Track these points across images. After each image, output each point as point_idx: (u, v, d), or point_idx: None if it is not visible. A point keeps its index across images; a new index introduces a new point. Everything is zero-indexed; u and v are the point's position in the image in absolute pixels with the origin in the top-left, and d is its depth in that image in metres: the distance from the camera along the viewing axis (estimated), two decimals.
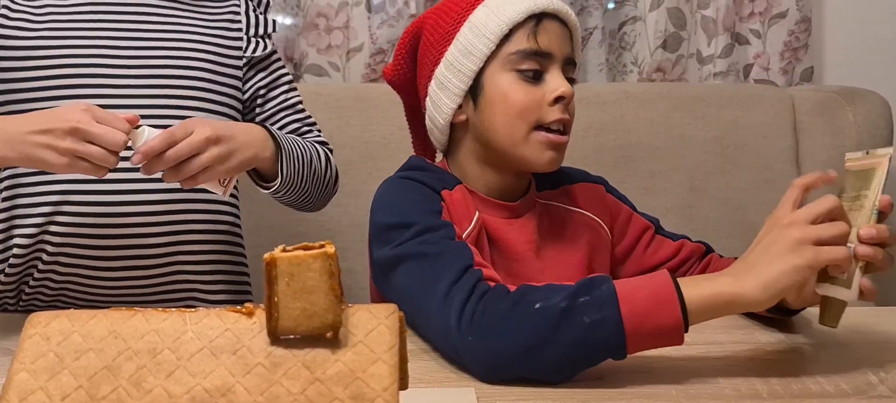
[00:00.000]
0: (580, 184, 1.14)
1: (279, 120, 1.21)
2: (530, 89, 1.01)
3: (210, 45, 1.16)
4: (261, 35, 1.21)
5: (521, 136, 1.01)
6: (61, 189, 1.06)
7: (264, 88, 1.21)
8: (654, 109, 1.61)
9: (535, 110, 1.00)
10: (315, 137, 1.23)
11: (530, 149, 1.01)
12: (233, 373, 0.55)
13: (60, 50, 1.08)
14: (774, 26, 1.78)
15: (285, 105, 1.22)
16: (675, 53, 1.78)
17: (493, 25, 1.02)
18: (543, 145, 1.01)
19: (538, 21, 1.02)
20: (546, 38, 1.01)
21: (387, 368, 0.55)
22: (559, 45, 1.02)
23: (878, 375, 0.82)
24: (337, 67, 1.72)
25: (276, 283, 0.55)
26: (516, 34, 1.01)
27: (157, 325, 0.57)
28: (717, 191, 1.59)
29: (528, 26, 1.01)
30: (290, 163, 1.07)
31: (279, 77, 1.23)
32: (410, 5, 1.70)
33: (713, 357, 0.88)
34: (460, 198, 1.03)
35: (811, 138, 1.61)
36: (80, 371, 0.54)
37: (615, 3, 1.80)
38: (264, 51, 1.20)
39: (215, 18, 1.19)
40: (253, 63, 1.20)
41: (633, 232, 1.13)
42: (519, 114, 1.01)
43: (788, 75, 1.79)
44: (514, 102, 1.01)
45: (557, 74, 1.01)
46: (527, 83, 1.01)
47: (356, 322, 0.57)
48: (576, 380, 0.81)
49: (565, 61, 1.03)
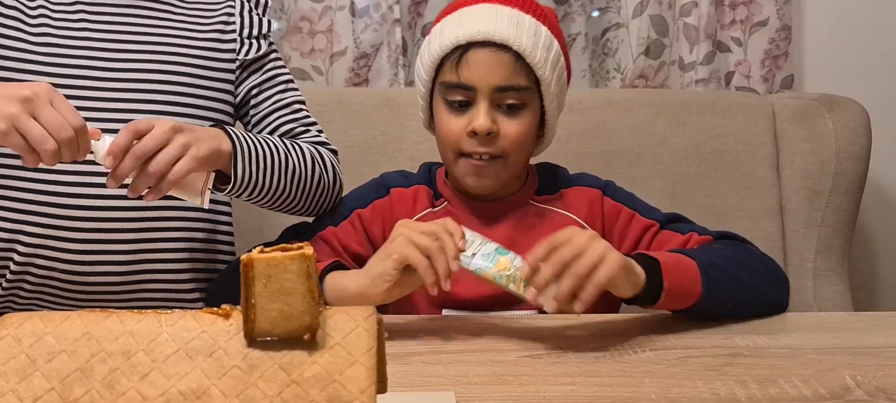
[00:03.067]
0: (575, 189, 1.14)
1: (272, 121, 1.17)
2: (454, 119, 1.07)
3: (201, 49, 1.14)
4: (255, 36, 1.18)
5: (450, 160, 1.10)
6: (30, 197, 1.05)
7: (256, 89, 1.18)
8: (636, 116, 1.61)
9: (454, 140, 1.07)
10: (313, 138, 1.19)
11: (458, 171, 1.09)
12: (208, 375, 0.54)
13: (52, 55, 1.07)
14: (755, 34, 1.79)
15: (279, 105, 1.18)
16: (658, 60, 1.79)
17: (427, 56, 1.08)
18: (466, 170, 1.08)
19: (463, 52, 1.04)
20: (468, 71, 1.04)
21: (364, 371, 0.55)
22: (484, 75, 1.03)
23: (855, 379, 0.82)
24: (320, 71, 1.72)
25: (253, 285, 0.55)
26: (446, 64, 1.06)
27: (131, 327, 0.56)
28: (697, 198, 1.60)
29: (454, 57, 1.05)
30: (250, 162, 1.02)
31: (274, 76, 1.19)
32: (394, 10, 1.70)
33: (692, 360, 0.88)
34: (411, 195, 1.13)
35: (791, 145, 1.63)
36: (53, 373, 0.54)
37: (598, 11, 1.81)
38: (258, 52, 1.17)
39: (209, 22, 1.17)
40: (246, 65, 1.17)
41: (633, 234, 1.11)
42: (443, 141, 1.09)
43: (769, 83, 1.81)
44: (440, 130, 1.09)
45: (479, 107, 1.04)
46: (452, 113, 1.07)
47: (334, 324, 0.57)
48: (554, 383, 0.81)
49: (496, 90, 1.04)
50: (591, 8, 1.80)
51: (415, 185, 1.14)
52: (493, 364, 0.86)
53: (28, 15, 1.09)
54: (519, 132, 1.06)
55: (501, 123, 1.05)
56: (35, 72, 1.06)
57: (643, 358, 0.88)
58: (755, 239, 1.13)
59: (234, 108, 1.18)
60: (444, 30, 1.07)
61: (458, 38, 1.04)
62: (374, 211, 1.13)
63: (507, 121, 1.06)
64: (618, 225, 1.12)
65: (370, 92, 1.65)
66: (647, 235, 1.11)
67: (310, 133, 1.19)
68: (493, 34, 1.03)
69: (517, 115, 1.06)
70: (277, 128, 1.18)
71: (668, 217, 1.13)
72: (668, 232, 1.10)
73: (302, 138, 1.17)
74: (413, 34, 1.75)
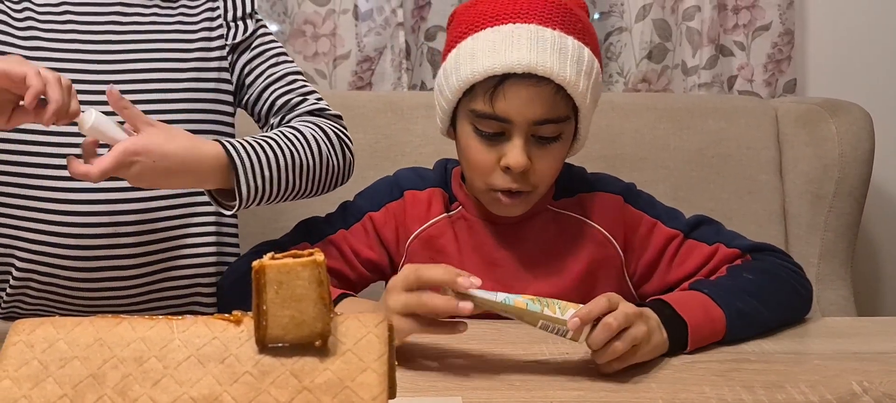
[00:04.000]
0: (597, 194, 1.09)
1: (269, 96, 1.14)
2: (485, 151, 0.98)
3: (192, 41, 1.12)
4: (240, 18, 1.15)
5: (478, 188, 1.03)
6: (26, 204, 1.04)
7: (248, 68, 1.15)
8: (639, 120, 1.61)
9: (487, 172, 0.99)
10: (311, 106, 1.13)
11: (486, 199, 1.03)
12: (220, 382, 0.54)
13: (42, 59, 1.06)
14: (758, 39, 1.80)
15: (273, 78, 1.14)
16: (661, 64, 1.79)
17: (455, 78, 0.98)
18: (495, 202, 1.02)
19: (500, 83, 0.94)
20: (504, 104, 0.94)
21: (376, 377, 0.55)
22: (522, 109, 0.94)
23: (861, 385, 0.82)
24: (323, 74, 1.72)
25: (265, 291, 0.55)
26: (477, 89, 0.96)
27: (143, 333, 0.56)
28: (700, 202, 1.60)
29: (487, 86, 0.95)
30: (254, 176, 0.98)
31: (263, 51, 1.16)
32: (397, 14, 1.70)
33: (699, 366, 0.88)
34: (425, 199, 1.08)
35: (794, 149, 1.63)
36: (65, 380, 0.54)
37: (601, 14, 1.81)
38: (246, 32, 1.15)
39: (195, 13, 1.15)
40: (234, 47, 1.15)
41: (655, 244, 1.06)
42: (471, 170, 1.02)
43: (772, 87, 1.81)
44: (469, 158, 1.01)
45: (514, 142, 0.96)
46: (483, 142, 0.98)
47: (345, 330, 0.57)
48: (561, 389, 0.81)
49: (534, 123, 0.96)
50: (593, 11, 1.80)
51: (429, 188, 1.09)
52: (500, 370, 0.86)
53: (14, 17, 1.08)
54: (553, 165, 1.00)
55: (535, 157, 0.98)
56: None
57: (650, 364, 0.88)
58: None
59: (232, 96, 1.16)
60: (475, 52, 0.97)
61: (493, 66, 0.94)
62: (387, 214, 1.09)
63: (541, 154, 0.98)
64: (639, 234, 1.07)
65: (373, 95, 1.65)
66: (671, 247, 1.06)
67: (307, 102, 1.14)
68: (535, 66, 0.93)
69: (552, 145, 0.99)
70: (274, 101, 1.14)
71: (692, 223, 1.08)
72: (693, 241, 1.06)
73: (300, 107, 1.13)
74: (416, 38, 1.75)
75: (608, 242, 1.07)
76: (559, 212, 1.08)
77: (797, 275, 1.04)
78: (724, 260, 1.04)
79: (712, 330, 0.93)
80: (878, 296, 1.88)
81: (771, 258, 1.05)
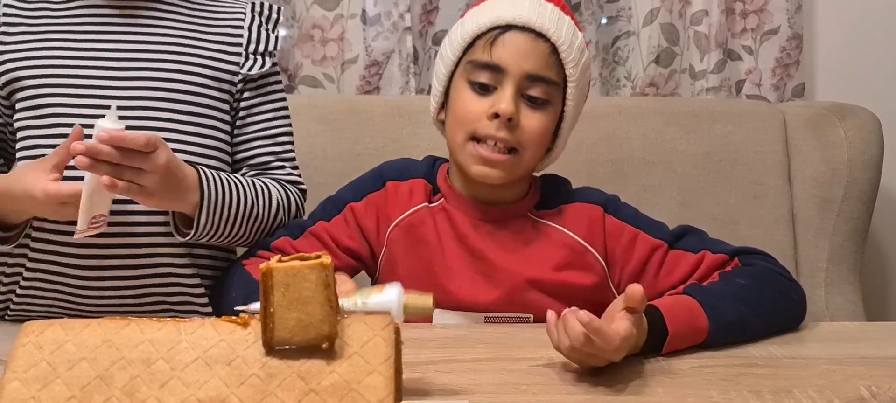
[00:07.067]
0: (576, 205, 1.11)
1: (252, 147, 1.15)
2: (475, 100, 1.03)
3: (206, 57, 1.12)
4: (260, 52, 1.16)
5: (458, 143, 1.05)
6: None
7: (247, 111, 1.15)
8: (646, 124, 1.61)
9: (471, 121, 1.03)
10: (285, 175, 1.16)
11: (464, 157, 1.05)
12: (227, 384, 0.55)
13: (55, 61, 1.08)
14: (766, 43, 1.79)
15: (263, 134, 1.15)
16: (668, 68, 1.79)
17: (460, 34, 1.05)
18: (474, 157, 1.04)
19: (501, 33, 1.02)
20: (501, 51, 1.01)
21: (382, 380, 0.55)
22: (517, 59, 1.01)
23: (870, 390, 0.82)
24: (331, 79, 1.72)
25: (272, 294, 0.55)
26: (477, 43, 1.03)
27: (151, 335, 0.56)
28: (708, 206, 1.60)
29: (489, 36, 1.02)
30: (214, 213, 1.03)
31: (267, 100, 1.17)
32: (405, 18, 1.70)
33: (707, 370, 0.88)
34: (407, 189, 1.11)
35: (802, 154, 1.62)
36: (73, 381, 0.54)
37: (608, 19, 1.81)
38: (261, 69, 1.15)
39: (216, 30, 1.15)
40: (247, 80, 1.15)
41: (639, 254, 1.07)
42: (457, 122, 1.05)
43: (780, 91, 1.80)
44: (457, 110, 1.05)
45: (505, 91, 1.01)
46: (474, 94, 1.03)
47: (352, 333, 0.57)
48: (568, 393, 0.81)
49: (527, 77, 1.01)
50: (600, 15, 1.80)
51: (412, 179, 1.12)
52: (507, 373, 0.86)
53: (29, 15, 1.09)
54: (539, 127, 1.03)
55: (523, 114, 1.02)
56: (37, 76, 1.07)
57: (657, 368, 0.87)
58: (766, 248, 1.10)
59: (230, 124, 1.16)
60: (481, 10, 1.05)
61: (498, 18, 1.02)
62: (368, 204, 1.11)
63: (530, 114, 1.03)
64: (621, 244, 1.08)
65: (381, 100, 1.66)
66: (655, 257, 1.06)
67: (284, 169, 1.17)
68: (534, 22, 1.01)
69: (540, 110, 1.03)
70: (256, 156, 1.15)
71: (676, 233, 1.08)
72: (678, 251, 1.06)
73: (275, 173, 1.16)
74: (424, 42, 1.75)
75: (585, 250, 1.08)
76: (539, 221, 1.10)
77: (788, 283, 1.04)
78: (712, 267, 1.04)
79: (693, 334, 0.92)
80: (887, 301, 1.87)
81: (761, 262, 1.05)
